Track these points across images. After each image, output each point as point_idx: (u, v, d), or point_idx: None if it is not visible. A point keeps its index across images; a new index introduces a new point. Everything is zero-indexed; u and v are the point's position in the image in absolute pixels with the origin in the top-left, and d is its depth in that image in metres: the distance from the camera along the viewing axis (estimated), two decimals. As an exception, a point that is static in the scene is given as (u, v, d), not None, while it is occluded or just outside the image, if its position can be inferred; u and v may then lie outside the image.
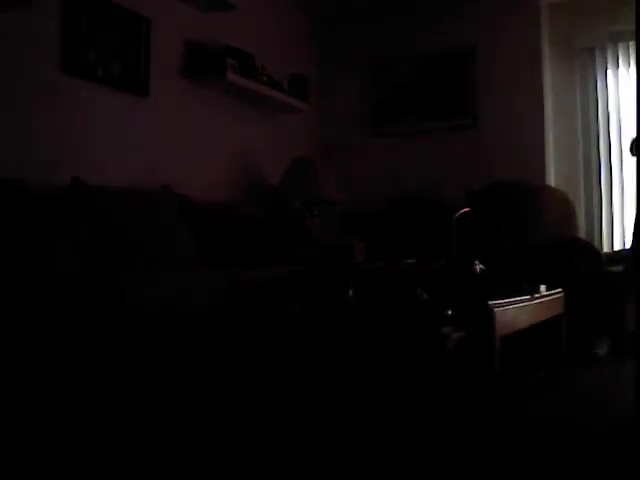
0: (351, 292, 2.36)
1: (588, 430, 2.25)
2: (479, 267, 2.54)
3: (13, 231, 2.54)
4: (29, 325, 2.39)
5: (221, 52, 4.18)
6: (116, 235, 3.08)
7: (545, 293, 2.73)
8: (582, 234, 4.60)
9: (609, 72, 4.81)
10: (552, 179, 4.89)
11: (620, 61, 4.75)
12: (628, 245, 4.64)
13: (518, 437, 2.19)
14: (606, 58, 4.80)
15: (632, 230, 2.66)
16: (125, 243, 3.10)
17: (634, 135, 2.91)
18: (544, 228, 4.33)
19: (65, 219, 2.80)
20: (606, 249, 4.70)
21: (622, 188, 4.74)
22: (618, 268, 3.67)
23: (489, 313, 2.20)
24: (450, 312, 2.16)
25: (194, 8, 4.17)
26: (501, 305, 2.27)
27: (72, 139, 3.37)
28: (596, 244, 4.59)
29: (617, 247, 4.71)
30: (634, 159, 2.32)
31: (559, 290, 2.93)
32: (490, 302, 2.23)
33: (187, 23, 4.14)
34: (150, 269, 2.96)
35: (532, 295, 2.58)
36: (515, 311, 2.38)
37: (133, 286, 2.56)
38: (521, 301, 2.46)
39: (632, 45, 4.50)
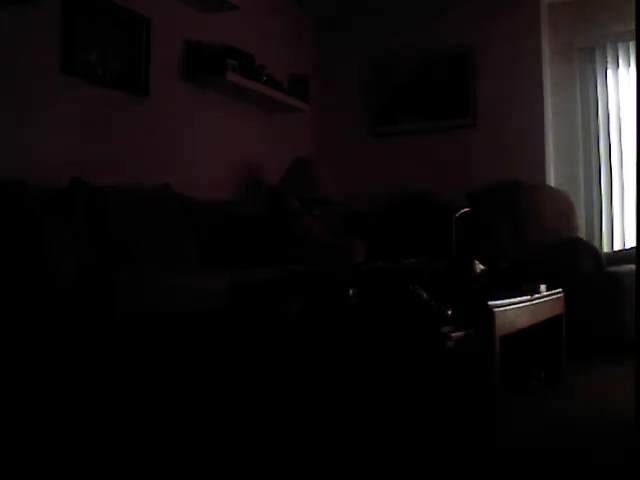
0: (351, 292, 2.36)
1: (588, 430, 2.26)
2: (479, 267, 2.54)
3: (12, 232, 2.54)
4: (27, 325, 2.39)
5: (221, 52, 4.18)
6: (116, 235, 3.08)
7: (545, 293, 2.73)
8: (582, 234, 4.59)
9: (609, 72, 4.82)
10: (552, 179, 4.90)
11: (620, 61, 4.76)
12: (628, 245, 4.64)
13: (518, 437, 2.19)
14: (606, 58, 4.81)
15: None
16: (125, 243, 3.10)
17: (634, 135, 2.91)
18: (544, 228, 4.33)
19: (65, 219, 2.80)
20: (606, 249, 4.70)
21: (622, 188, 4.75)
22: (618, 268, 3.66)
23: (489, 313, 2.19)
24: (450, 312, 2.16)
25: (194, 8, 4.17)
26: (501, 305, 2.27)
27: (72, 139, 3.37)
28: (596, 244, 4.59)
29: (617, 247, 4.71)
30: (634, 159, 2.32)
31: (559, 290, 2.93)
32: (490, 302, 2.23)
33: (187, 23, 4.14)
34: (151, 269, 2.96)
35: (532, 295, 2.57)
36: (515, 311, 2.38)
37: (133, 286, 2.56)
38: (521, 301, 2.45)
39: (632, 45, 4.50)
